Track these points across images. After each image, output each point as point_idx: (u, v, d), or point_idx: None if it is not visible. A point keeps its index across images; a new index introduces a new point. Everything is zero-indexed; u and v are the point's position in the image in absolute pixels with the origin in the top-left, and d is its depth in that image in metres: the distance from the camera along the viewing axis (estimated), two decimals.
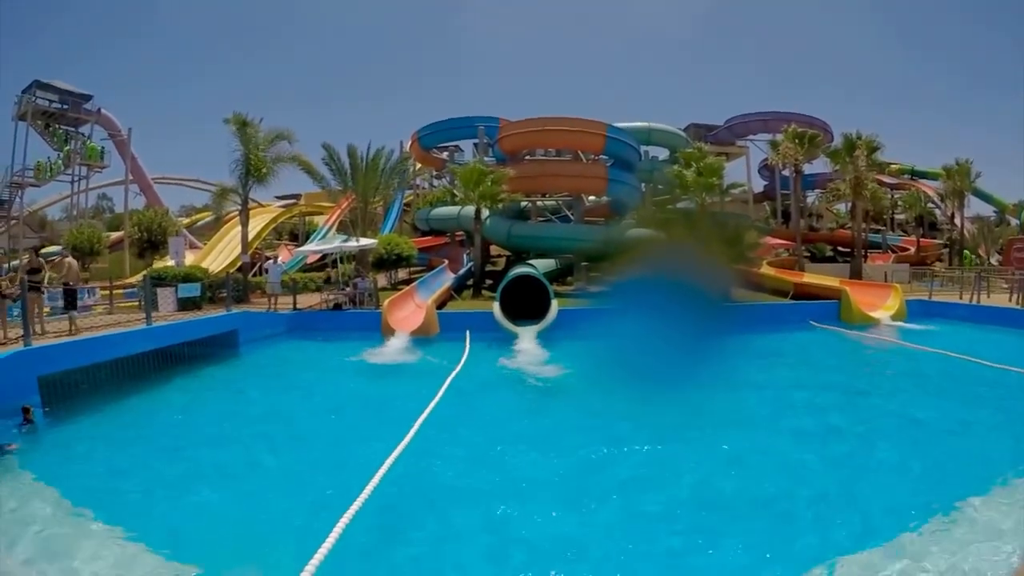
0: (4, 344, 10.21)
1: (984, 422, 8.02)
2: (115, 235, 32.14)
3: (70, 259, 13.78)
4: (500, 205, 25.46)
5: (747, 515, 5.24)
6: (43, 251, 31.78)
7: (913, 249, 37.01)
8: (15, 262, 26.20)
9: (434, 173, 43.34)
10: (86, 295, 15.60)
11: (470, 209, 25.46)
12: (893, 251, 37.91)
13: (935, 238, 40.83)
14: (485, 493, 5.85)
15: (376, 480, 5.31)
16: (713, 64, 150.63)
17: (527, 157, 28.63)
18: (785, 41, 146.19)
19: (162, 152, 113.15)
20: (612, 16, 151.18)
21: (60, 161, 29.01)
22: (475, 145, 34.59)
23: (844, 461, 6.74)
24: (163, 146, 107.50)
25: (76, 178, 30.56)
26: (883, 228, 42.02)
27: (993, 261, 34.70)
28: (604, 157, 28.00)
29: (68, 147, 29.18)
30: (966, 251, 35.68)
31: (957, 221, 36.01)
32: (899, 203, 43.31)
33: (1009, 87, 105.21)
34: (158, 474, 6.47)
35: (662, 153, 35.89)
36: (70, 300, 12.10)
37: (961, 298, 19.54)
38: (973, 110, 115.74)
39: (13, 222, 29.11)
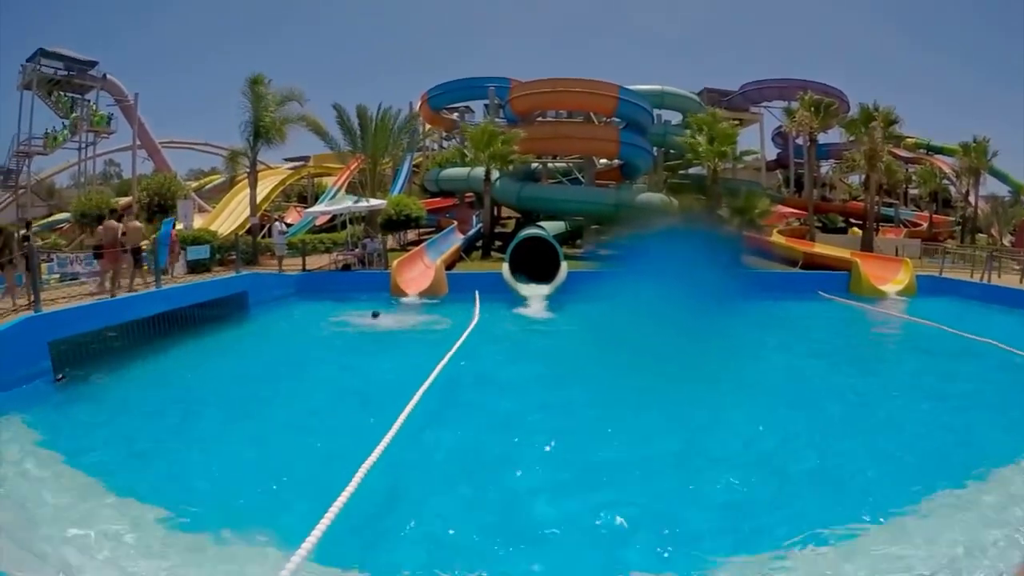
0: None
1: (985, 403, 7.95)
2: (124, 200, 31.97)
3: (135, 222, 14.53)
4: (510, 166, 25.27)
5: (732, 483, 5.29)
6: (51, 219, 31.88)
7: (925, 225, 36.57)
8: (22, 231, 26.19)
9: (444, 135, 42.88)
10: (94, 262, 15.70)
11: (480, 170, 25.28)
12: (905, 225, 37.51)
13: (948, 215, 40.32)
14: (494, 456, 5.97)
15: (386, 441, 5.29)
16: (729, 32, 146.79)
17: (538, 118, 28.28)
18: (803, 13, 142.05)
19: (170, 116, 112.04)
20: None
21: (67, 129, 28.77)
22: (486, 106, 34.07)
23: (839, 434, 6.73)
24: (171, 110, 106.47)
25: (83, 145, 30.19)
26: (896, 202, 41.50)
27: (1005, 242, 34.29)
28: (616, 119, 27.60)
29: (75, 114, 28.86)
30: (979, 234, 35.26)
31: (971, 199, 35.50)
32: (913, 177, 42.63)
33: None
34: (168, 436, 6.53)
35: (675, 117, 35.29)
36: (136, 259, 13.12)
37: (972, 276, 19.40)
38: (994, 88, 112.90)
39: (21, 191, 29.00)
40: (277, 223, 22.77)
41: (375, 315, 13.83)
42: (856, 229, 33.21)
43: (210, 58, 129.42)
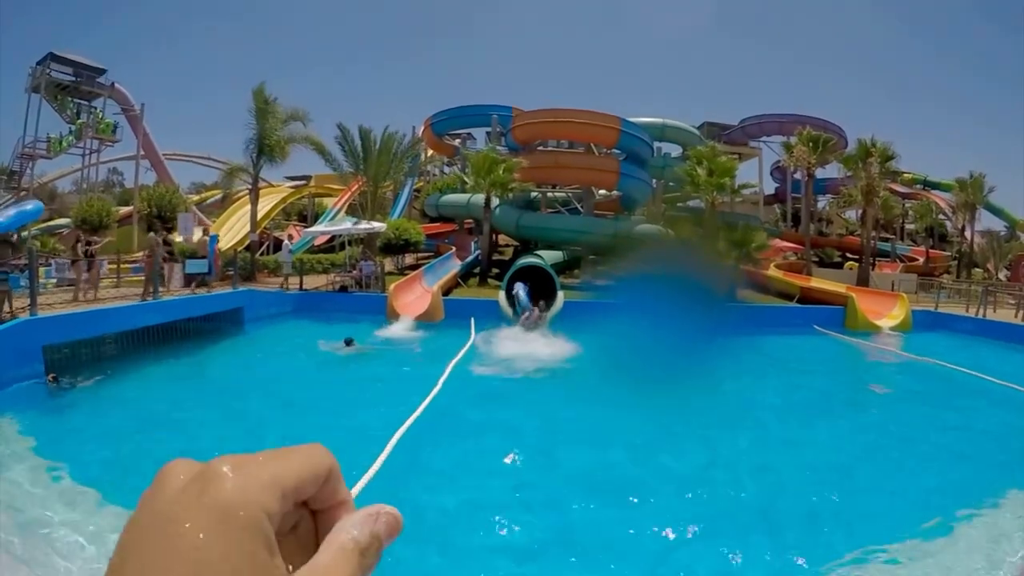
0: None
1: (979, 438, 7.93)
2: (124, 209, 32.08)
3: (205, 237, 17.01)
4: (510, 194, 25.45)
5: (725, 521, 5.23)
6: (50, 224, 32.03)
7: (922, 260, 36.85)
8: (25, 233, 26.25)
9: (445, 160, 43.31)
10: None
11: (480, 197, 25.45)
12: (902, 260, 37.75)
13: (944, 250, 40.64)
14: (483, 477, 5.91)
15: (376, 467, 5.31)
16: (730, 64, 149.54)
17: (539, 147, 28.58)
18: (803, 44, 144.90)
19: (173, 128, 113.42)
20: (630, 9, 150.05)
21: (72, 135, 29.01)
22: (488, 133, 34.49)
23: (834, 470, 6.67)
24: (174, 122, 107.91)
25: (87, 151, 30.51)
26: (893, 237, 41.84)
27: (1001, 276, 34.49)
28: (617, 151, 27.91)
29: (80, 120, 29.17)
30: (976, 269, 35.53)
31: (967, 234, 35.80)
32: (910, 212, 43.05)
33: None
34: (156, 447, 6.45)
35: (675, 150, 35.73)
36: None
37: (967, 311, 19.46)
38: (991, 122, 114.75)
39: (23, 193, 29.10)
40: (285, 241, 22.85)
41: (348, 343, 12.22)
42: (852, 263, 33.42)
43: (218, 73, 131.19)
